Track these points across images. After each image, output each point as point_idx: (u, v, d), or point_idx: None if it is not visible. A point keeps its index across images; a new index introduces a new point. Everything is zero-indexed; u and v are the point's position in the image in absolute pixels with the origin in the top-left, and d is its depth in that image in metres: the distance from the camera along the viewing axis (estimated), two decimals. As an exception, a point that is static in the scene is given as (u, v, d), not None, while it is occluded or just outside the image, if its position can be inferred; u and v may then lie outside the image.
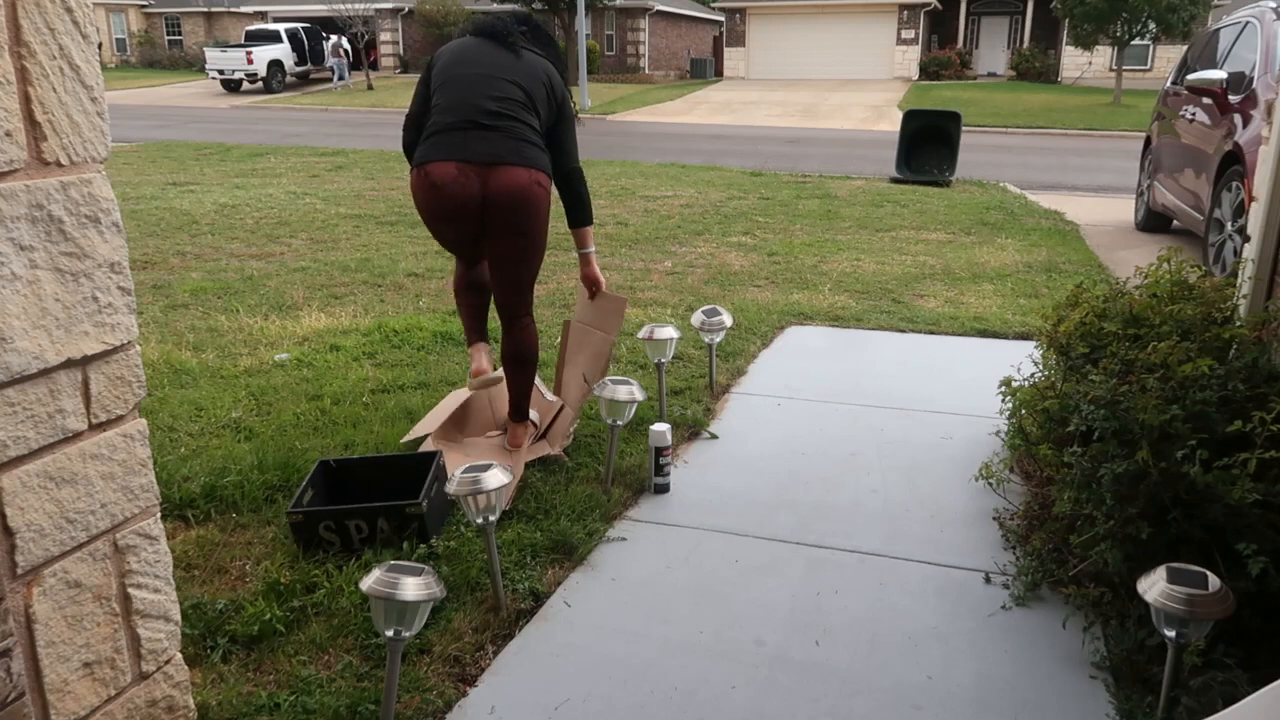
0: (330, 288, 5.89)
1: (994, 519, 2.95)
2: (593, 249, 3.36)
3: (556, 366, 3.82)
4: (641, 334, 3.69)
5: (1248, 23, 6.60)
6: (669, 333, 3.63)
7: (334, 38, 31.11)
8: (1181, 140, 6.98)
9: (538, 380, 3.78)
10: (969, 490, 3.12)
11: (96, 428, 1.58)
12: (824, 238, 7.59)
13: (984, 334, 4.92)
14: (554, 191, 3.15)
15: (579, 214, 3.26)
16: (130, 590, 1.67)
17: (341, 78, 30.21)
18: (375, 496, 2.83)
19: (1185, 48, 9.36)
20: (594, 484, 3.13)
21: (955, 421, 3.73)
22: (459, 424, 3.50)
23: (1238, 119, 5.81)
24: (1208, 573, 1.94)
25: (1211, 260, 5.83)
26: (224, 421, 3.66)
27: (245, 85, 29.21)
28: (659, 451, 3.08)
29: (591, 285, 3.47)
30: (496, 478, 2.34)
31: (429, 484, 2.78)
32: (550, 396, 3.73)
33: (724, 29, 35.74)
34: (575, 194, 3.23)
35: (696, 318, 4.01)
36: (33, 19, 1.40)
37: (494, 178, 2.93)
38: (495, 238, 3.06)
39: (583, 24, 24.99)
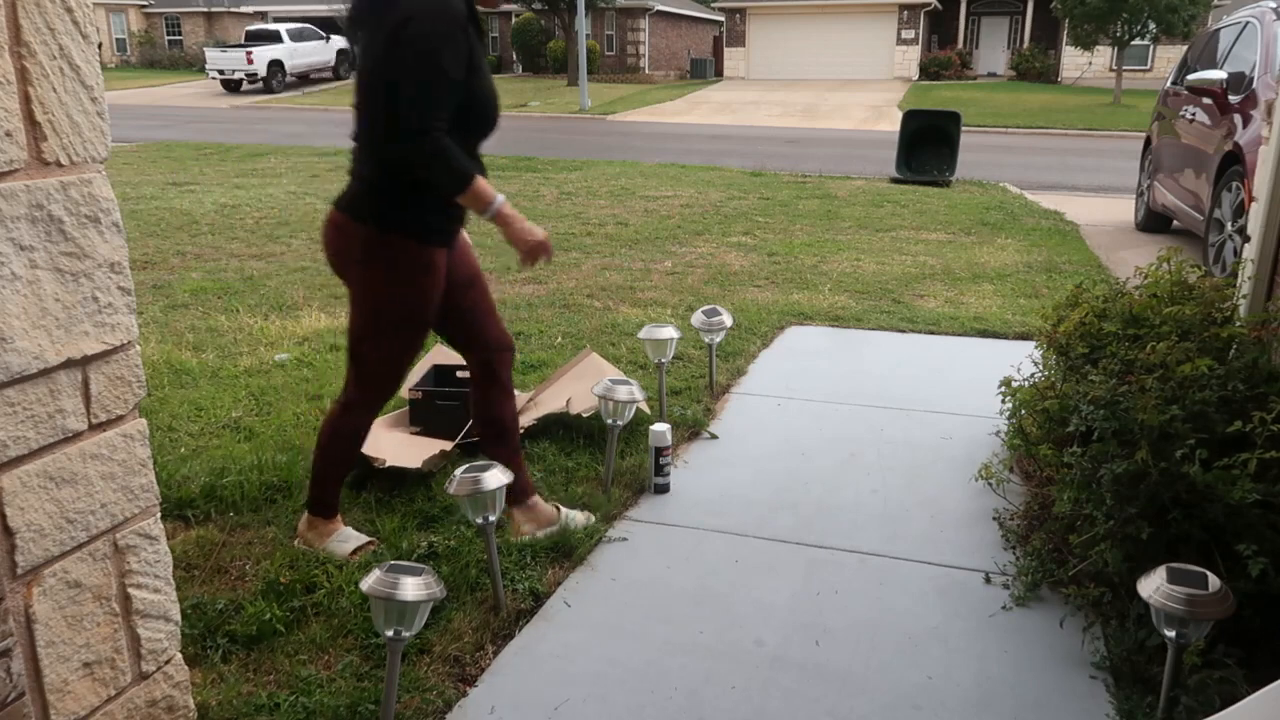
0: (330, 288, 5.88)
1: (994, 519, 2.95)
2: (492, 207, 2.39)
3: (549, 379, 3.84)
4: (642, 334, 3.69)
5: (1248, 23, 6.60)
6: (669, 333, 3.63)
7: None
8: (1181, 140, 6.98)
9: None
10: (969, 490, 3.12)
11: (96, 428, 1.58)
12: (824, 238, 7.59)
13: (984, 334, 4.92)
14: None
15: (439, 186, 2.36)
16: (130, 590, 1.67)
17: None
18: None
19: (1185, 48, 9.36)
20: (594, 484, 3.13)
21: (955, 422, 3.73)
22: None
23: (1238, 119, 5.81)
24: (1208, 573, 1.94)
25: (1211, 260, 5.83)
26: (224, 421, 3.66)
27: (245, 85, 29.20)
28: (659, 451, 3.08)
29: (522, 252, 2.53)
30: (496, 478, 2.34)
31: None
32: (516, 393, 3.77)
33: (724, 29, 35.74)
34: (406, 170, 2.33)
35: (696, 318, 4.01)
36: (33, 19, 1.40)
37: None
38: None
39: (583, 24, 25.00)
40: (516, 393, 3.77)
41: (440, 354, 3.93)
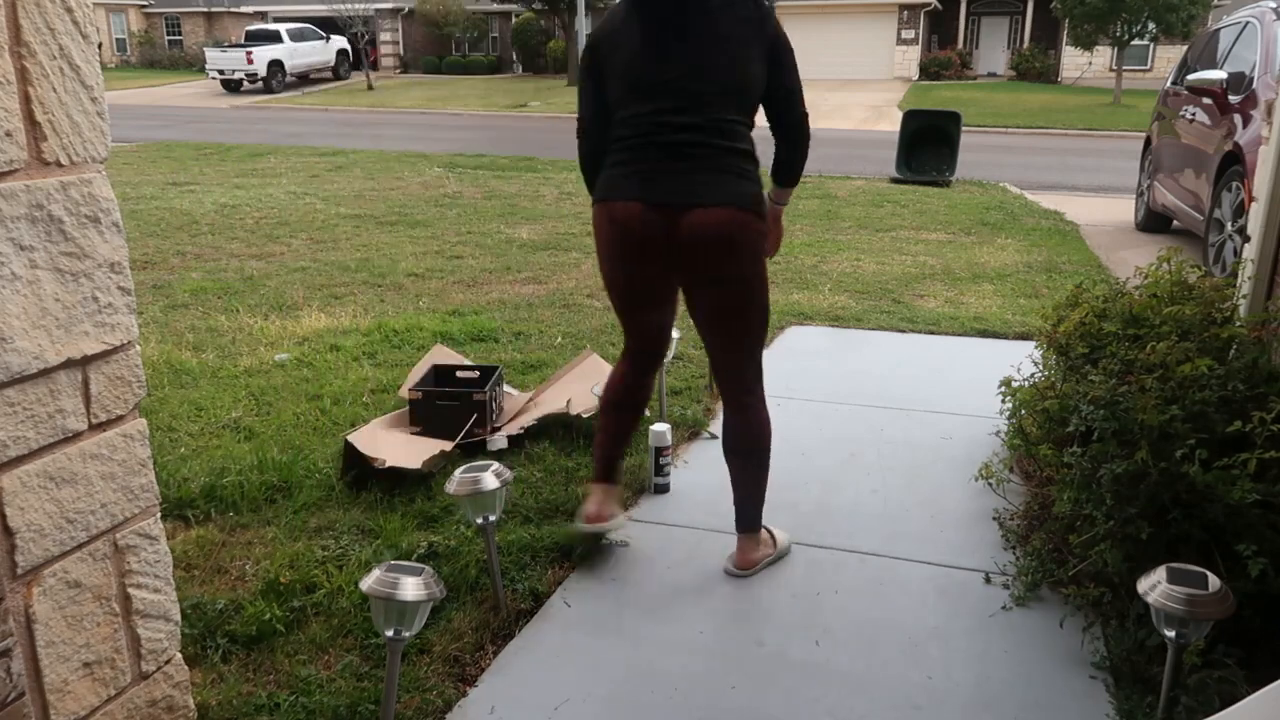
0: (330, 288, 5.89)
1: (994, 519, 2.95)
2: (781, 205, 2.70)
3: (550, 379, 3.86)
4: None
5: (1248, 23, 6.60)
6: (669, 333, 3.63)
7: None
8: (1181, 140, 6.98)
9: (507, 386, 3.79)
10: (969, 490, 3.12)
11: (96, 428, 1.58)
12: (824, 238, 7.59)
13: (984, 334, 4.92)
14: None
15: (783, 171, 2.63)
16: (130, 590, 1.67)
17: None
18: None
19: (1185, 48, 9.36)
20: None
21: (955, 422, 3.73)
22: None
23: (1238, 119, 5.81)
24: (1208, 573, 1.94)
25: (1211, 260, 5.83)
26: (224, 421, 3.66)
27: (245, 85, 29.19)
28: (659, 451, 3.08)
29: (777, 240, 2.76)
30: (495, 478, 2.34)
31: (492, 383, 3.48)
32: (516, 393, 3.82)
33: (724, 29, 35.69)
34: (789, 148, 2.61)
35: (697, 318, 4.01)
36: (33, 19, 1.40)
37: (686, 220, 2.40)
38: (696, 289, 2.56)
39: (583, 24, 24.98)
40: (516, 393, 3.81)
41: (440, 354, 3.93)
